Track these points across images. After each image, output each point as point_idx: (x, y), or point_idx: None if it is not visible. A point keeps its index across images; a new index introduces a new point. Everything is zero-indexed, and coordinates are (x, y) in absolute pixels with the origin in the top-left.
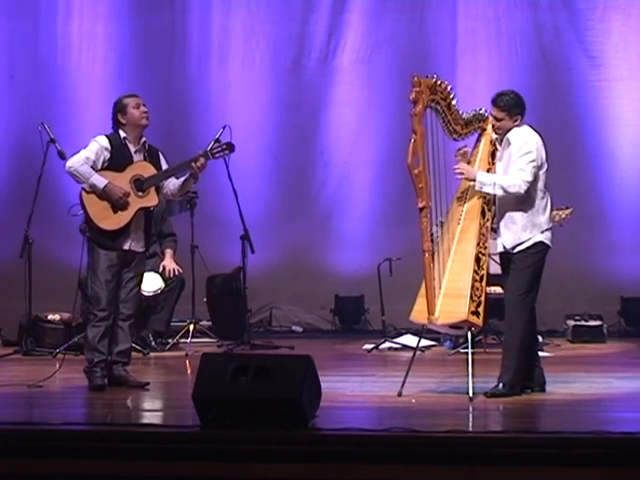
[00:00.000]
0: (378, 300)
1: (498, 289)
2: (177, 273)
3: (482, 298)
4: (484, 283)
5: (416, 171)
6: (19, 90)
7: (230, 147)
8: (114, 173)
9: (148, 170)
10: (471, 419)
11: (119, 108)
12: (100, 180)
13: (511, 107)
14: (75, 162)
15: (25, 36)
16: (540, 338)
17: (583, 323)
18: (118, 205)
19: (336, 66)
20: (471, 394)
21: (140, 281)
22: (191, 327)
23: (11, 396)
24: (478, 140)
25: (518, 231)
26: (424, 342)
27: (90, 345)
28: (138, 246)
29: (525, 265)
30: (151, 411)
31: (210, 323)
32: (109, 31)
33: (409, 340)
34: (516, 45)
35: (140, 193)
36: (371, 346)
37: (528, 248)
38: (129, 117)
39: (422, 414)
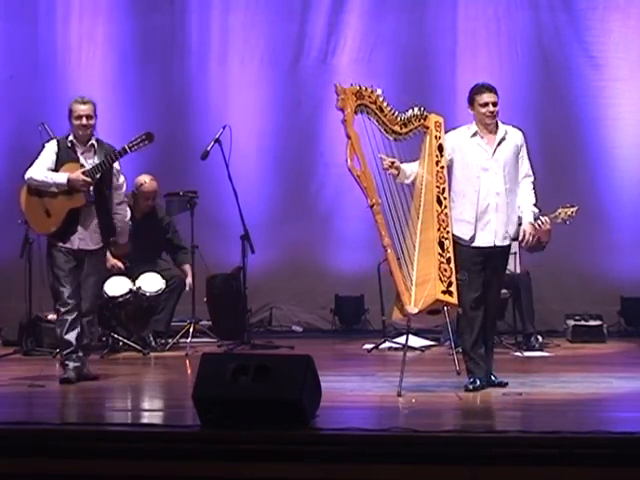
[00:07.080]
0: (378, 300)
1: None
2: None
3: (452, 279)
4: (452, 265)
5: (358, 172)
6: (19, 90)
7: (149, 137)
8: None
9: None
10: (471, 419)
11: (69, 109)
12: (60, 176)
13: None
14: (32, 172)
15: (25, 36)
16: (539, 338)
17: (583, 323)
18: (74, 188)
19: (336, 66)
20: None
21: (101, 278)
22: (191, 327)
23: (11, 396)
24: (423, 140)
25: (515, 225)
26: (424, 342)
27: (58, 339)
28: (91, 244)
29: (506, 263)
30: (151, 411)
31: (210, 323)
32: (109, 31)
33: (409, 340)
34: (516, 45)
35: (68, 195)
36: (371, 346)
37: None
38: (71, 123)
39: (422, 414)
